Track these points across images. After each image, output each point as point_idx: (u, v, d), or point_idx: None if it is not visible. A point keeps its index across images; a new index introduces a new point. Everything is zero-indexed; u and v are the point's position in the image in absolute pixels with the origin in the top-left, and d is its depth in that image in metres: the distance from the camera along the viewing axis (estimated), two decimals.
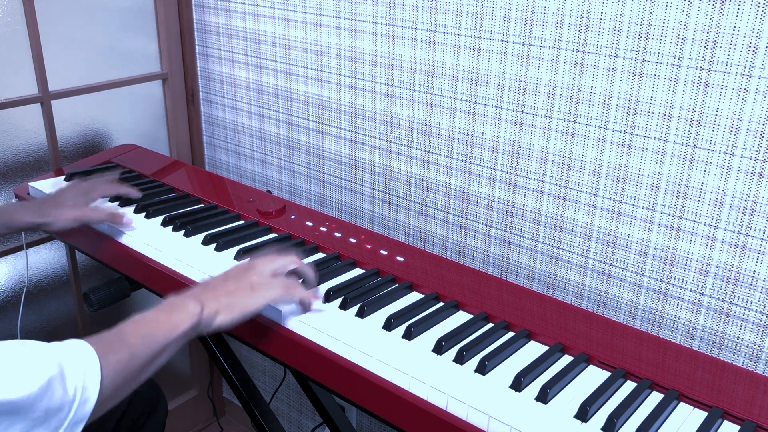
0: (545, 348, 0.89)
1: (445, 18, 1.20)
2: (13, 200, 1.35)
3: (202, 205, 1.29)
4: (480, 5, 1.15)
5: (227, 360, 1.24)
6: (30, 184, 1.34)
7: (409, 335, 0.89)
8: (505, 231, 1.24)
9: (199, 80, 1.74)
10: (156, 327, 0.81)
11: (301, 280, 0.97)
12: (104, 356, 0.73)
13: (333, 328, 0.90)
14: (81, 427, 0.69)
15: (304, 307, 0.93)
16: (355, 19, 1.34)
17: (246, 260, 0.96)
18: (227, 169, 1.77)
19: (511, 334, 0.92)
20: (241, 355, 1.93)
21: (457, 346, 0.87)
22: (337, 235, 1.16)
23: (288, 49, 1.49)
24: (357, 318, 0.93)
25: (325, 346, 0.89)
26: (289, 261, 0.96)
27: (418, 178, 1.34)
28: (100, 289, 1.25)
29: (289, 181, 1.61)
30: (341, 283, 1.01)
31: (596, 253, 1.13)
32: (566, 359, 0.87)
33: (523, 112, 1.15)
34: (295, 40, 1.47)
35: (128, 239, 1.15)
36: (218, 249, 1.10)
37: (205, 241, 1.12)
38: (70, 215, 1.12)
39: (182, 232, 1.17)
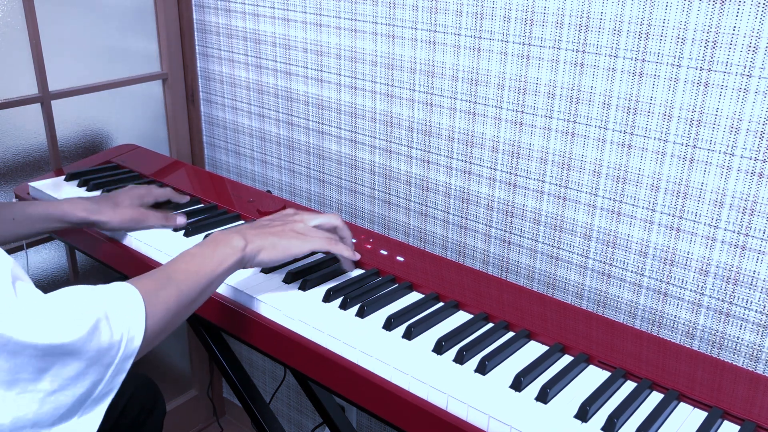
0: (545, 348, 0.89)
1: (445, 18, 1.20)
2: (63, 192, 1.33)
3: (202, 205, 1.29)
4: (480, 5, 1.15)
5: (227, 360, 1.24)
6: (30, 184, 1.34)
7: (409, 335, 0.89)
8: (505, 231, 1.24)
9: (199, 80, 1.74)
10: (201, 262, 0.86)
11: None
12: (150, 294, 0.77)
13: (333, 328, 0.90)
14: (131, 362, 0.73)
15: (345, 263, 1.00)
16: (355, 19, 1.34)
17: (292, 210, 1.03)
18: (227, 169, 1.77)
19: (511, 334, 0.92)
20: (241, 355, 1.93)
21: (457, 346, 0.87)
22: None
23: (288, 49, 1.49)
24: (357, 318, 0.93)
25: (325, 346, 0.89)
26: (332, 218, 1.02)
27: (418, 178, 1.34)
28: None
29: (289, 181, 1.61)
30: (341, 283, 1.01)
31: (596, 253, 1.13)
32: (566, 359, 0.87)
33: (523, 112, 1.15)
34: (295, 40, 1.47)
35: (128, 239, 1.15)
36: None
37: None
38: (128, 215, 1.14)
39: (182, 231, 1.17)
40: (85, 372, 0.68)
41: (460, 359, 0.84)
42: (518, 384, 0.79)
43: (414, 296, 1.00)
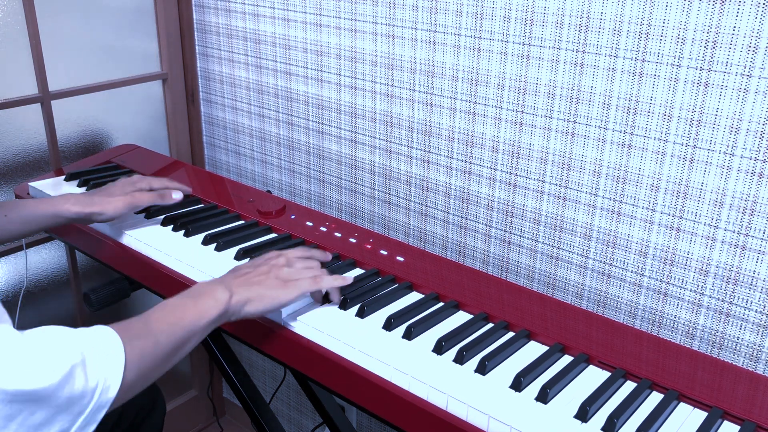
0: (545, 348, 0.89)
1: (445, 18, 1.20)
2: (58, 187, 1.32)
3: (202, 205, 1.29)
4: (480, 5, 1.15)
5: (227, 360, 1.24)
6: (30, 184, 1.34)
7: (409, 335, 0.89)
8: (505, 231, 1.24)
9: (199, 80, 1.74)
10: (182, 314, 0.82)
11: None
12: (128, 342, 0.73)
13: (333, 328, 0.90)
14: (103, 413, 0.69)
15: (333, 295, 0.95)
16: (355, 19, 1.34)
17: (274, 251, 0.98)
18: (227, 169, 1.77)
19: (511, 334, 0.92)
20: (241, 355, 1.93)
21: (457, 346, 0.87)
22: (337, 235, 1.16)
23: (288, 49, 1.49)
24: (357, 318, 0.93)
25: (325, 346, 0.89)
26: (317, 255, 1.00)
27: (418, 178, 1.34)
28: (100, 289, 1.25)
29: (289, 181, 1.61)
30: None
31: (596, 253, 1.13)
32: (566, 359, 0.87)
33: (523, 112, 1.15)
34: (295, 40, 1.47)
35: (128, 239, 1.15)
36: (218, 249, 1.10)
37: (205, 241, 1.12)
38: (121, 202, 1.13)
39: (182, 232, 1.17)
40: (52, 419, 0.65)
41: (460, 359, 0.84)
42: (518, 384, 0.79)
43: (414, 296, 1.00)
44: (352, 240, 1.14)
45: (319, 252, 1.02)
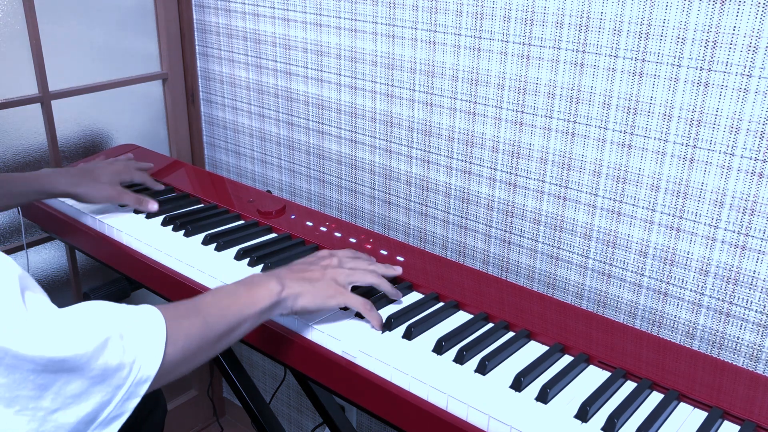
0: (545, 348, 0.89)
1: (445, 18, 1.20)
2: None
3: (202, 205, 1.29)
4: (480, 5, 1.15)
5: (227, 360, 1.24)
6: None
7: (409, 335, 0.89)
8: (505, 231, 1.24)
9: (199, 80, 1.74)
10: (234, 300, 0.83)
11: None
12: (174, 321, 0.74)
13: (333, 328, 0.90)
14: (144, 387, 0.69)
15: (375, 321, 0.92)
16: (355, 19, 1.34)
17: (326, 251, 0.98)
18: (227, 169, 1.77)
19: (511, 334, 0.92)
20: (241, 355, 1.93)
21: (457, 346, 0.87)
22: (337, 235, 1.16)
23: (288, 49, 1.49)
24: (357, 318, 0.93)
25: (325, 346, 0.89)
26: (369, 277, 0.95)
27: (418, 178, 1.34)
28: (100, 289, 1.25)
29: (289, 181, 1.61)
30: None
31: (596, 253, 1.13)
32: (566, 359, 0.87)
33: (523, 112, 1.15)
34: (295, 40, 1.47)
35: (128, 239, 1.15)
36: (218, 249, 1.10)
37: (205, 241, 1.12)
38: (104, 192, 1.20)
39: (182, 232, 1.17)
40: (89, 391, 0.64)
41: (460, 359, 0.84)
42: (518, 384, 0.79)
43: (414, 296, 1.00)
44: (352, 240, 1.14)
45: (382, 266, 0.99)
